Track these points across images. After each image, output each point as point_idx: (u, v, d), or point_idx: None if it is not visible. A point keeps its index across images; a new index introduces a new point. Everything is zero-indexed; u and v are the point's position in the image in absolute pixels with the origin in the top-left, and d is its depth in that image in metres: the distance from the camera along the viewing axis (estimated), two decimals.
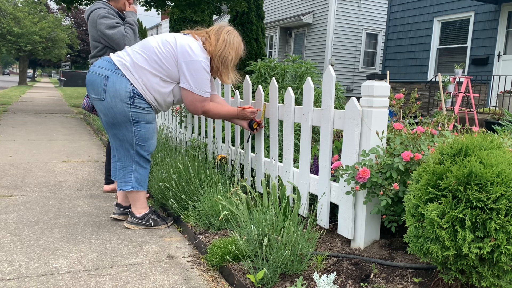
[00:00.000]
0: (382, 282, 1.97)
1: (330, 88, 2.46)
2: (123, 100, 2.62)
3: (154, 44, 2.68)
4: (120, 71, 2.64)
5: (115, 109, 2.64)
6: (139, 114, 2.69)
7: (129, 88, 2.63)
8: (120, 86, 2.62)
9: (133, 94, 2.64)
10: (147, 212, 2.88)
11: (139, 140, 2.75)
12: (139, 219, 2.87)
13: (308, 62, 4.63)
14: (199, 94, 2.71)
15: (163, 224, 2.93)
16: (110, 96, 2.62)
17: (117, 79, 2.62)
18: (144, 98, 2.69)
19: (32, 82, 39.75)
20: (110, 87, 2.62)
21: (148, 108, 2.74)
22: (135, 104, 2.66)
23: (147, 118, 2.74)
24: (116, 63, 2.66)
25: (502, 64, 9.47)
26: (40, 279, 2.13)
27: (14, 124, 8.01)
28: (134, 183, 2.80)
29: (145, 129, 2.75)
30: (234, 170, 3.39)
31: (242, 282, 2.06)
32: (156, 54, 2.66)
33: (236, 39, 2.82)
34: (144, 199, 2.88)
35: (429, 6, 11.05)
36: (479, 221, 1.58)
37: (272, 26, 16.75)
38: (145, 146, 2.79)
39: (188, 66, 2.65)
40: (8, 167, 4.53)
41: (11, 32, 27.94)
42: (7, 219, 2.96)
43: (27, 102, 14.03)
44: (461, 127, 2.86)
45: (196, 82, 2.68)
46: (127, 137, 2.73)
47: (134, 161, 2.79)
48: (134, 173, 2.79)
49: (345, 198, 2.36)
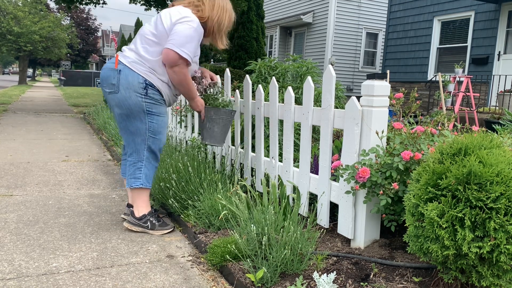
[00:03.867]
0: (382, 281, 1.97)
1: (330, 88, 2.46)
2: (137, 91, 2.68)
3: (149, 29, 2.73)
4: (129, 67, 2.70)
5: (129, 100, 2.69)
6: (152, 105, 2.73)
7: (142, 79, 2.68)
8: (132, 78, 2.68)
9: (146, 85, 2.69)
10: (146, 213, 2.83)
11: (151, 133, 2.78)
12: (137, 220, 2.82)
13: (309, 61, 4.62)
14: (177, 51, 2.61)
15: (159, 230, 2.82)
16: (124, 88, 2.68)
17: (129, 72, 2.69)
18: (157, 89, 2.73)
19: (32, 81, 39.75)
20: (123, 80, 2.68)
21: (161, 100, 2.79)
22: (149, 95, 2.71)
23: (160, 111, 2.79)
24: (122, 61, 2.73)
25: (502, 64, 9.47)
26: (40, 279, 2.13)
27: (14, 124, 8.01)
28: (143, 180, 2.80)
29: (158, 122, 2.79)
30: (234, 170, 3.39)
31: (242, 282, 2.06)
32: (152, 38, 2.70)
33: (229, 5, 2.88)
34: (147, 197, 2.86)
35: (429, 6, 11.05)
36: (478, 220, 1.58)
37: (272, 26, 16.75)
38: (157, 139, 2.81)
39: (177, 26, 2.63)
40: (8, 166, 4.53)
41: (11, 31, 27.93)
42: (7, 219, 2.96)
43: (27, 101, 14.03)
44: (461, 127, 2.86)
45: (180, 40, 2.60)
46: (140, 129, 2.75)
47: (145, 156, 2.81)
48: (144, 169, 2.81)
49: (345, 197, 2.36)
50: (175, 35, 2.59)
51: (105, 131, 6.88)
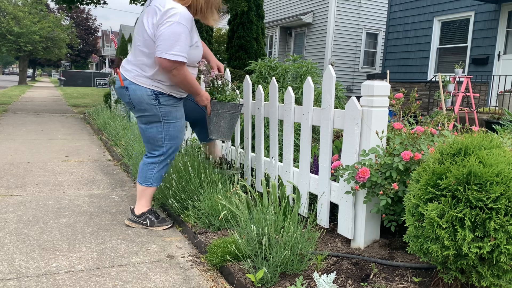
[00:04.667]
0: (382, 281, 1.97)
1: (330, 88, 2.46)
2: (149, 102, 2.72)
3: (139, 39, 2.68)
4: (134, 82, 2.71)
5: (146, 112, 2.76)
6: (168, 112, 2.77)
7: (150, 91, 2.70)
8: (141, 93, 2.71)
9: (155, 95, 2.71)
10: (145, 211, 2.90)
11: (169, 140, 2.84)
12: (137, 217, 2.90)
13: (309, 62, 4.63)
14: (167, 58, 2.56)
15: (159, 226, 2.89)
16: (137, 103, 2.74)
17: (136, 87, 2.71)
18: (167, 95, 2.74)
19: (32, 81, 39.73)
20: (133, 96, 2.73)
21: (177, 103, 2.82)
22: (162, 104, 2.74)
23: (176, 115, 2.83)
24: (125, 76, 2.74)
25: (502, 64, 9.47)
26: (40, 279, 2.13)
27: (14, 124, 8.01)
28: (153, 180, 2.89)
29: (175, 128, 2.84)
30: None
31: (242, 282, 2.06)
32: (144, 50, 2.66)
33: None
34: (151, 196, 2.94)
35: (429, 6, 11.05)
36: (478, 220, 1.58)
37: (272, 26, 16.75)
38: (174, 145, 2.87)
39: (159, 29, 2.54)
40: (8, 166, 4.53)
41: (11, 31, 27.92)
42: (7, 219, 2.96)
43: (27, 101, 14.04)
44: (461, 127, 2.86)
45: (166, 43, 2.53)
46: (156, 136, 2.81)
47: (163, 158, 2.88)
48: (158, 170, 2.89)
49: (345, 197, 2.36)
50: (160, 40, 2.52)
51: (105, 131, 6.88)
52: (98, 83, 28.00)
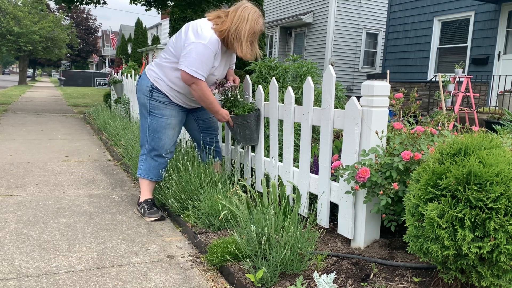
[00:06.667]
0: (382, 281, 1.97)
1: (330, 88, 2.46)
2: (144, 93, 3.08)
3: (173, 39, 3.01)
4: (145, 73, 3.14)
5: (139, 100, 3.14)
6: (156, 106, 3.06)
7: (149, 84, 3.06)
8: (143, 82, 3.10)
9: (152, 89, 3.05)
10: (142, 200, 3.15)
11: (151, 131, 3.09)
12: (138, 205, 3.19)
13: (309, 62, 4.62)
14: (189, 73, 2.82)
15: (147, 217, 3.07)
16: (138, 90, 3.15)
17: (144, 76, 3.14)
18: (163, 93, 3.04)
19: (32, 81, 39.72)
20: (138, 83, 3.17)
21: (168, 103, 3.07)
22: (153, 97, 3.06)
23: (164, 113, 3.07)
24: (145, 69, 3.18)
25: (502, 64, 9.47)
26: (40, 279, 2.13)
27: (14, 124, 8.02)
28: (142, 171, 3.16)
29: (158, 122, 3.07)
30: (234, 170, 3.39)
31: (242, 282, 2.06)
32: (171, 49, 2.98)
33: (252, 15, 2.90)
34: (147, 187, 3.16)
35: (429, 6, 11.05)
36: (478, 220, 1.58)
37: (272, 26, 16.74)
38: (156, 137, 3.08)
39: (189, 46, 2.81)
40: (8, 166, 4.53)
41: (11, 31, 27.92)
42: (7, 219, 2.96)
43: (27, 101, 14.04)
44: (461, 127, 2.86)
45: (189, 61, 2.81)
46: (143, 126, 3.14)
47: (147, 150, 3.14)
48: (145, 162, 3.15)
49: (345, 197, 2.36)
50: (186, 55, 2.81)
51: (105, 131, 6.88)
52: (98, 83, 28.01)
